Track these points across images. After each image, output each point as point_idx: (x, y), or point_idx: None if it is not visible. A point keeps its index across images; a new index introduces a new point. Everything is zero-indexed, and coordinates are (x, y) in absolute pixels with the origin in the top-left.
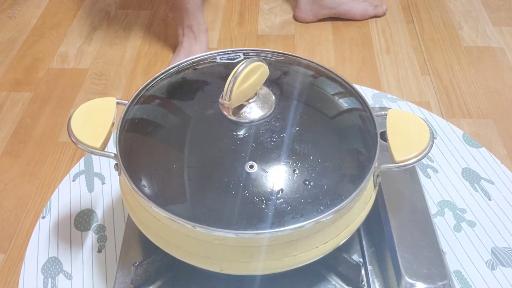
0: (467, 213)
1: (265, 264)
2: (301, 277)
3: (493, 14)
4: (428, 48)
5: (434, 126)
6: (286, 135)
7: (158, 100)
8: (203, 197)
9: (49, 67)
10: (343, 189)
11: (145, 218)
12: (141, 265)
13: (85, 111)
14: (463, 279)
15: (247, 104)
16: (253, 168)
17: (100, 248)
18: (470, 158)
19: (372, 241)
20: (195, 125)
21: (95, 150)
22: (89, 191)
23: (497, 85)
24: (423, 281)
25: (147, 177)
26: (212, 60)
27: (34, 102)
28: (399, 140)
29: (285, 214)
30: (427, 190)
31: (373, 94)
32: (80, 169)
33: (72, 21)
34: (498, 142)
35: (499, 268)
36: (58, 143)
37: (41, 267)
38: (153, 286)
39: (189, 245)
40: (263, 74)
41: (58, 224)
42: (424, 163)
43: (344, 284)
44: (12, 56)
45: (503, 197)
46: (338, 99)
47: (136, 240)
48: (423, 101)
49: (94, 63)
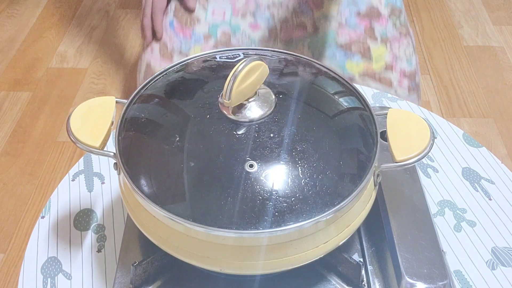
0: (467, 213)
1: (264, 264)
2: (301, 277)
3: (493, 13)
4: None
5: (434, 126)
6: (286, 134)
7: (157, 99)
8: (203, 196)
9: (48, 66)
10: (343, 188)
11: (144, 217)
12: (140, 265)
13: (84, 110)
14: (463, 279)
15: (247, 103)
16: (253, 168)
17: (99, 248)
18: (470, 157)
19: (372, 241)
20: (194, 124)
21: (94, 149)
22: (89, 190)
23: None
24: (423, 281)
25: (146, 177)
26: (211, 59)
27: (33, 102)
28: (399, 139)
29: (285, 214)
30: (427, 189)
31: (373, 94)
32: (80, 168)
33: (71, 21)
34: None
35: (500, 268)
36: (57, 143)
37: (40, 267)
38: (152, 286)
39: (188, 244)
40: (263, 73)
41: (57, 224)
42: (424, 163)
43: (344, 284)
44: (11, 55)
45: (504, 197)
46: (338, 98)
47: (136, 239)
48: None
49: (93, 62)
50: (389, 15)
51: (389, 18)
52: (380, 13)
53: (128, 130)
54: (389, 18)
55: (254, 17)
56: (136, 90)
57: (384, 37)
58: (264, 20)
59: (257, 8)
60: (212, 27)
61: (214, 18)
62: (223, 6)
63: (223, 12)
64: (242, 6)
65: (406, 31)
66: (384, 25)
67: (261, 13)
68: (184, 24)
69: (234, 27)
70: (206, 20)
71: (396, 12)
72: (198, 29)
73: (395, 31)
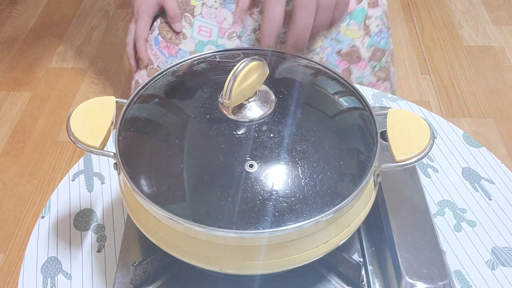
0: (467, 213)
1: (264, 264)
2: (301, 277)
3: (493, 13)
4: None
5: (434, 126)
6: (286, 134)
7: (157, 99)
8: (203, 196)
9: (48, 66)
10: (343, 188)
11: (144, 217)
12: (140, 264)
13: (84, 110)
14: (463, 279)
15: (247, 103)
16: (252, 167)
17: (99, 248)
18: (470, 157)
19: (372, 241)
20: (194, 124)
21: (94, 149)
22: (89, 190)
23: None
24: (423, 281)
25: (146, 177)
26: (211, 59)
27: (33, 102)
28: (399, 139)
29: (284, 213)
30: (427, 189)
31: (373, 94)
32: (80, 168)
33: (71, 21)
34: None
35: (500, 268)
36: (57, 143)
37: (40, 267)
38: (152, 285)
39: (188, 244)
40: (263, 73)
41: (57, 224)
42: (424, 163)
43: (344, 284)
44: (11, 55)
45: (504, 196)
46: (338, 98)
47: (136, 239)
48: (423, 101)
49: (93, 62)
50: (369, 59)
51: (369, 62)
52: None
53: (128, 130)
54: (368, 63)
55: (240, 39)
56: (136, 91)
57: (359, 81)
58: (249, 44)
59: (244, 30)
60: (198, 44)
61: (200, 35)
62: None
63: (210, 30)
64: (229, 26)
65: (386, 75)
66: (361, 70)
67: (247, 36)
68: (169, 41)
69: (220, 47)
70: (192, 37)
71: (378, 54)
72: (184, 47)
73: (373, 76)
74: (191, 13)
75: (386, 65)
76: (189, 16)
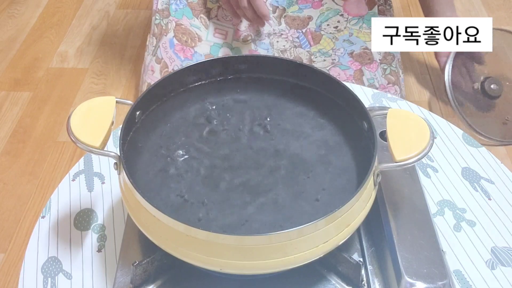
0: (467, 213)
1: (264, 264)
2: (301, 277)
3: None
4: None
5: (434, 126)
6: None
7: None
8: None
9: (49, 66)
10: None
11: (144, 217)
12: (140, 264)
13: (84, 110)
14: (463, 278)
15: None
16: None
17: (99, 247)
18: (470, 157)
19: (372, 241)
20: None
21: (94, 149)
22: (89, 190)
23: None
24: (423, 281)
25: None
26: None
27: (33, 102)
28: (399, 139)
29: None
30: (427, 189)
31: (373, 94)
32: (80, 168)
33: (71, 21)
34: None
35: (499, 268)
36: (57, 143)
37: (40, 267)
38: (152, 285)
39: (188, 244)
40: None
41: (57, 224)
42: (423, 163)
43: (344, 284)
44: (11, 55)
45: (503, 196)
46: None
47: (136, 239)
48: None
49: (93, 62)
50: (380, 61)
51: (380, 64)
52: (372, 58)
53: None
54: (380, 65)
55: (254, 43)
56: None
57: (371, 82)
58: (263, 48)
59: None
60: (214, 46)
61: (215, 38)
62: (226, 27)
63: (225, 32)
64: (244, 29)
65: (396, 79)
66: (373, 72)
67: (261, 40)
68: (184, 44)
69: (235, 50)
70: (207, 39)
71: (389, 58)
72: (199, 49)
73: (384, 78)
74: (207, 15)
75: (396, 70)
76: (204, 18)
